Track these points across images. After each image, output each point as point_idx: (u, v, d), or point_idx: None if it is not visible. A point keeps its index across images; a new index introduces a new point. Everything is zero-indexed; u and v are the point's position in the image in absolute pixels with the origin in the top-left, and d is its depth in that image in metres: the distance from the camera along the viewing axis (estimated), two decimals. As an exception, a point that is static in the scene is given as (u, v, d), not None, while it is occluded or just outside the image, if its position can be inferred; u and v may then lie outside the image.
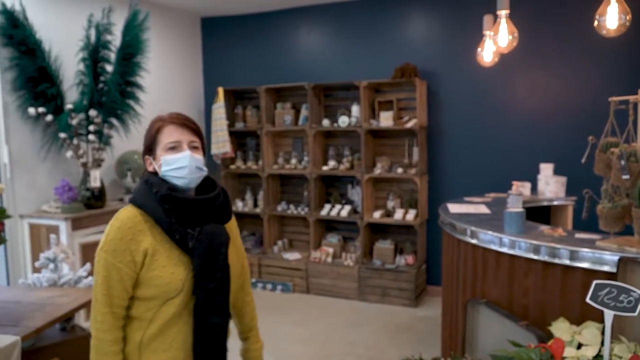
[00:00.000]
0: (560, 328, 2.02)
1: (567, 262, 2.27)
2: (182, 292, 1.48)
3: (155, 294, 1.47)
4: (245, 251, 5.46)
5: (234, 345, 1.74)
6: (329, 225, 5.56)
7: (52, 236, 3.12)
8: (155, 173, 1.55)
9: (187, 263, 1.49)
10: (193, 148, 1.54)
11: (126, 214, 1.50)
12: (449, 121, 4.97)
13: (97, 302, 1.47)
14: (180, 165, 1.50)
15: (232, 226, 1.68)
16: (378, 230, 5.28)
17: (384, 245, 5.03)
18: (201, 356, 1.50)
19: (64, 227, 3.87)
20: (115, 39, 4.34)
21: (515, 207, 2.63)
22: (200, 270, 1.47)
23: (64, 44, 4.27)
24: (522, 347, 1.92)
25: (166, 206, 1.48)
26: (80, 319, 3.85)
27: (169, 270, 1.47)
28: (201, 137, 1.60)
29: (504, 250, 2.52)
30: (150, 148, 1.56)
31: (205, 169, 1.57)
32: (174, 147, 1.52)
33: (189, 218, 1.50)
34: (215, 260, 1.49)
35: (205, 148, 1.63)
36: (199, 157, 1.54)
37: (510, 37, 2.89)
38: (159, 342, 1.49)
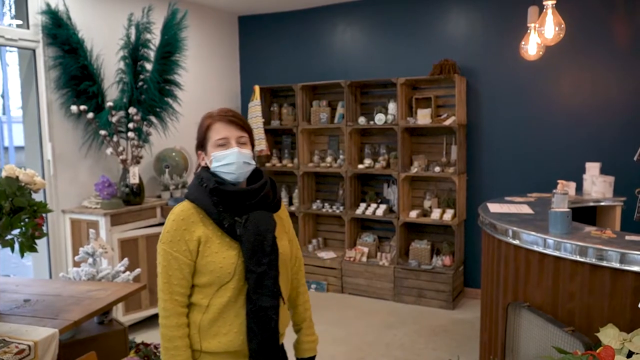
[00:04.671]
0: (609, 335, 1.90)
1: (616, 265, 2.16)
2: (235, 277, 1.57)
3: (211, 280, 1.57)
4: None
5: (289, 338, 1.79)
6: (364, 224, 5.50)
7: (92, 231, 3.18)
8: (207, 167, 1.67)
9: (238, 249, 1.59)
10: (241, 144, 1.64)
11: (180, 208, 1.62)
12: (489, 118, 4.83)
13: (160, 291, 1.59)
14: (228, 161, 1.61)
15: (284, 215, 1.79)
16: (414, 230, 5.18)
17: (420, 246, 4.94)
18: (254, 338, 1.57)
19: (103, 222, 3.95)
20: (155, 37, 4.39)
21: (560, 206, 2.52)
22: (249, 255, 1.56)
23: (105, 43, 4.36)
24: (569, 354, 1.82)
25: (215, 198, 1.59)
26: (117, 313, 3.93)
27: (222, 255, 1.57)
28: (249, 131, 1.70)
29: (548, 251, 2.41)
30: (201, 144, 1.68)
31: (253, 162, 1.67)
32: (223, 144, 1.62)
33: (236, 207, 1.60)
34: (262, 246, 1.58)
35: (254, 141, 1.73)
36: (246, 152, 1.64)
37: (557, 28, 2.76)
38: (218, 326, 1.58)
